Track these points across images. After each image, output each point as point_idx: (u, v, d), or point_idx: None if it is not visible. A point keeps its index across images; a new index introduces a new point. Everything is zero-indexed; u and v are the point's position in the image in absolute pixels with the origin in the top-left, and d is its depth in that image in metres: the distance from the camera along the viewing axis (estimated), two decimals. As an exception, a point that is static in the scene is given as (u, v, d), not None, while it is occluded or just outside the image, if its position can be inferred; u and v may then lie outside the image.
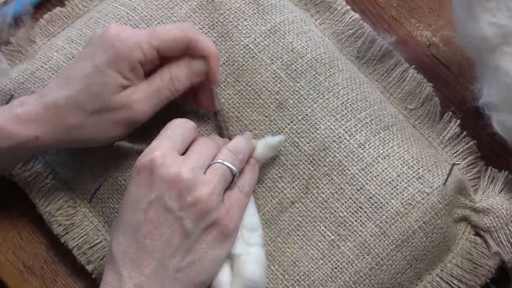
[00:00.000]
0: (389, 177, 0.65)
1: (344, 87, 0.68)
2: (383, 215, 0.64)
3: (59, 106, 0.62)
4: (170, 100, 0.65)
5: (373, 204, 0.65)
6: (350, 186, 0.65)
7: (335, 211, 0.65)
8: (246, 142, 0.65)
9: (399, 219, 0.64)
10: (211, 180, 0.60)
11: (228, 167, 0.61)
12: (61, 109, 0.62)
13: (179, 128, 0.63)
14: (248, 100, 0.69)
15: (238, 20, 0.71)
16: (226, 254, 0.61)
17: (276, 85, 0.68)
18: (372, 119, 0.67)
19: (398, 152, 0.66)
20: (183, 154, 0.62)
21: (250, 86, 0.69)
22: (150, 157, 0.59)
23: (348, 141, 0.66)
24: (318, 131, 0.67)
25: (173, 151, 0.60)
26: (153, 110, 0.64)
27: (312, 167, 0.66)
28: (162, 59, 0.64)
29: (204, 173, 0.60)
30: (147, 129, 0.68)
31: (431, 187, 0.65)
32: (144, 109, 0.63)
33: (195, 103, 0.68)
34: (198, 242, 0.59)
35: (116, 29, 0.63)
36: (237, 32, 0.70)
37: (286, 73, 0.68)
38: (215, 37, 0.71)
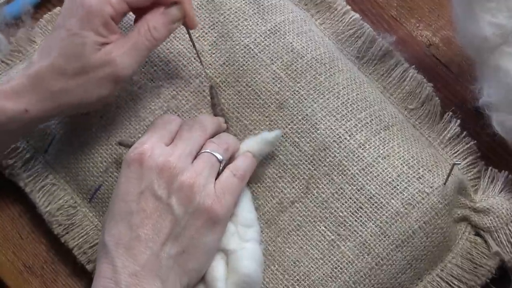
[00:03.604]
0: (389, 177, 0.65)
1: (344, 87, 0.68)
2: (383, 215, 0.64)
3: (41, 75, 0.63)
4: (151, 51, 0.65)
5: (373, 204, 0.65)
6: (350, 186, 0.65)
7: (335, 211, 0.65)
8: (229, 136, 0.67)
9: (399, 219, 0.64)
10: (197, 165, 0.61)
11: (213, 154, 0.63)
12: (43, 77, 0.63)
13: (165, 123, 0.65)
14: (248, 100, 0.69)
15: (238, 20, 0.71)
16: (216, 243, 0.62)
17: (276, 85, 0.68)
18: (372, 119, 0.67)
19: (398, 152, 0.66)
20: None
21: (250, 87, 0.69)
22: (139, 150, 0.61)
23: (348, 141, 0.66)
24: (318, 131, 0.67)
25: (161, 143, 0.62)
26: (135, 64, 0.64)
27: (312, 167, 0.66)
28: (138, 11, 0.65)
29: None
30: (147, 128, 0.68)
31: (431, 187, 0.65)
32: (126, 63, 0.64)
33: None
34: (187, 229, 0.60)
35: None
36: (237, 32, 0.70)
37: (286, 73, 0.68)
38: (215, 37, 0.71)
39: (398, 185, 0.65)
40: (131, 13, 0.67)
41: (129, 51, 0.63)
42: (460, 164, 0.68)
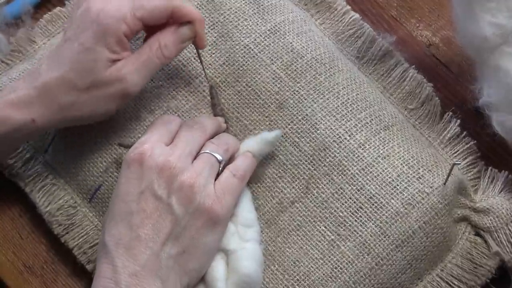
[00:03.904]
0: (389, 177, 0.65)
1: (344, 87, 0.68)
2: (383, 215, 0.64)
3: (51, 87, 0.63)
4: (159, 68, 0.66)
5: (373, 204, 0.65)
6: (350, 186, 0.65)
7: (335, 211, 0.65)
8: (229, 136, 0.67)
9: (399, 219, 0.64)
10: (197, 166, 0.61)
11: (213, 155, 0.63)
12: (53, 90, 0.63)
13: (165, 123, 0.65)
14: (248, 100, 0.69)
15: (238, 20, 0.71)
16: (217, 243, 0.62)
17: (276, 85, 0.68)
18: (372, 119, 0.68)
19: (398, 152, 0.66)
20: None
21: (250, 87, 0.69)
22: (139, 150, 0.61)
23: (348, 141, 0.66)
24: (318, 131, 0.67)
25: (161, 143, 0.62)
26: (144, 81, 0.65)
27: (312, 167, 0.66)
28: (149, 29, 0.66)
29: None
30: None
31: (431, 187, 0.65)
32: (136, 80, 0.64)
33: None
34: (187, 229, 0.60)
35: (98, 4, 0.63)
36: (237, 32, 0.70)
37: (286, 73, 0.68)
38: (215, 37, 0.71)
39: (398, 185, 0.65)
40: None
41: (139, 68, 0.64)
42: (460, 164, 0.68)
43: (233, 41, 0.70)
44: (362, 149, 0.66)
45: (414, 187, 0.65)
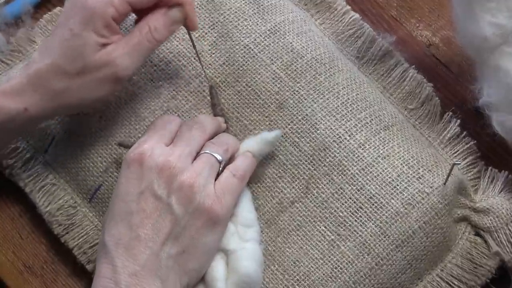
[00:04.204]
0: (389, 177, 0.65)
1: (344, 87, 0.68)
2: (383, 215, 0.64)
3: (42, 74, 0.63)
4: (151, 51, 0.65)
5: (373, 204, 0.65)
6: (350, 186, 0.65)
7: (335, 211, 0.65)
8: (229, 136, 0.67)
9: (399, 219, 0.64)
10: (197, 166, 0.62)
11: (213, 155, 0.63)
12: (45, 77, 0.63)
13: (165, 123, 0.65)
14: (248, 100, 0.69)
15: (238, 20, 0.71)
16: (217, 243, 0.62)
17: (276, 85, 0.68)
18: (372, 119, 0.68)
19: (398, 152, 0.66)
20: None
21: (250, 87, 0.69)
22: (139, 150, 0.61)
23: (348, 141, 0.66)
24: (318, 131, 0.67)
25: (161, 143, 0.62)
26: (135, 65, 0.65)
27: (312, 167, 0.66)
28: (139, 12, 0.65)
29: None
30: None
31: (431, 187, 0.65)
32: (127, 63, 0.64)
33: None
34: (187, 229, 0.60)
35: None
36: (237, 32, 0.70)
37: (286, 73, 0.68)
38: (215, 37, 0.71)
39: (398, 185, 0.65)
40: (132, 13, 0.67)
41: (129, 52, 0.64)
42: (460, 164, 0.68)
43: (233, 41, 0.70)
44: (362, 149, 0.66)
45: (414, 187, 0.65)
